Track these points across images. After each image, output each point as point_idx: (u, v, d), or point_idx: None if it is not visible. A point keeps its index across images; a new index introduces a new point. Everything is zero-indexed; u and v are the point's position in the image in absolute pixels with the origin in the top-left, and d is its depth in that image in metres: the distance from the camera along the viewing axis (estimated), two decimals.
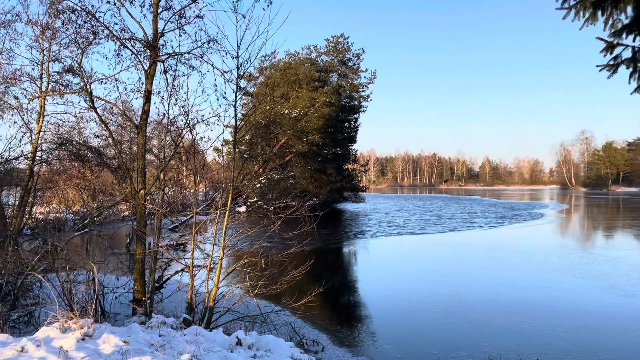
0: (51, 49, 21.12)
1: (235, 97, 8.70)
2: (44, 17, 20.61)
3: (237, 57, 8.45)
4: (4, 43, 20.86)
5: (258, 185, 41.85)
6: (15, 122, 20.82)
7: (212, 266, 8.65)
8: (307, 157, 44.25)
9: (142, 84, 9.59)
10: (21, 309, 9.47)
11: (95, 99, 9.43)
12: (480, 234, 29.20)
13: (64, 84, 21.64)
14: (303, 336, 8.61)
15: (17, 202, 21.20)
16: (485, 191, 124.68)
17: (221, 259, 8.53)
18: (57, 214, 26.50)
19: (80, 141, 22.83)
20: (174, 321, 7.83)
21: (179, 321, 8.01)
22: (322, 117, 44.06)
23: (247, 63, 9.07)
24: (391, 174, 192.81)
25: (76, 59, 8.69)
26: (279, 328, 8.74)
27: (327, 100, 45.45)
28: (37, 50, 21.09)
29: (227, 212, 8.54)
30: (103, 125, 9.00)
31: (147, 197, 9.69)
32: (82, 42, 9.05)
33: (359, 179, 59.61)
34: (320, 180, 44.17)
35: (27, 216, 21.39)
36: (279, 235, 9.08)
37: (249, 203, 37.21)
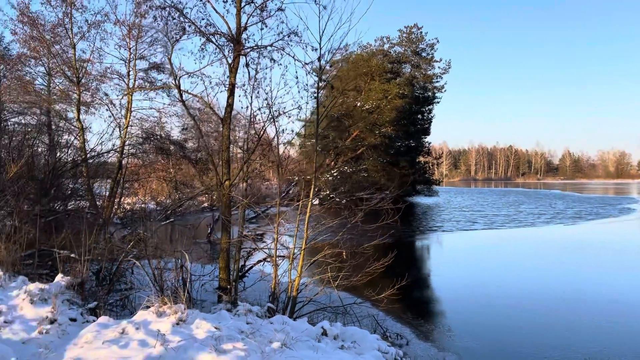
0: (137, 48, 22.31)
1: (317, 88, 8.69)
2: (131, 17, 21.79)
3: (320, 48, 8.45)
4: (94, 43, 22.29)
5: (330, 178, 42.05)
6: (109, 117, 22.22)
7: (293, 257, 8.74)
8: (379, 150, 43.89)
9: (227, 77, 9.83)
10: (115, 293, 10.05)
11: (182, 92, 9.78)
12: (563, 230, 27.68)
13: (150, 80, 22.83)
14: (386, 329, 8.52)
15: (107, 193, 22.66)
16: (566, 185, 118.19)
17: (304, 249, 8.59)
18: (142, 205, 27.99)
19: (163, 135, 23.97)
20: (259, 309, 7.99)
21: (264, 310, 8.16)
22: (394, 109, 43.52)
23: (328, 54, 9.07)
24: (464, 167, 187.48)
25: (166, 54, 9.03)
26: (361, 320, 8.69)
27: (400, 91, 44.80)
28: (125, 49, 22.39)
29: (310, 204, 8.58)
30: (190, 118, 9.28)
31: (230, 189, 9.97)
32: (172, 37, 9.39)
33: (432, 172, 58.41)
34: (392, 173, 43.69)
35: (116, 206, 22.78)
36: (358, 228, 9.03)
37: (321, 196, 37.46)
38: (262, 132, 9.76)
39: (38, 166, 14.53)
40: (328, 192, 41.22)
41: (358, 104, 43.49)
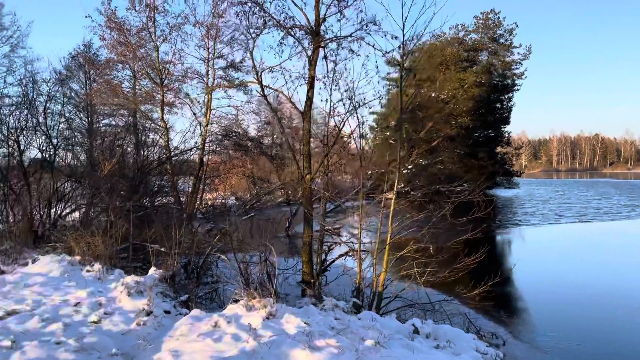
0: (216, 47, 22.92)
1: (401, 77, 8.39)
2: (209, 17, 22.42)
3: (403, 35, 8.11)
4: (176, 44, 23.15)
5: (405, 172, 41.28)
6: (191, 115, 23.03)
7: (379, 251, 8.52)
8: (455, 141, 42.48)
9: (306, 70, 9.75)
10: (203, 286, 10.30)
11: (263, 87, 9.81)
12: None
13: (227, 79, 23.38)
14: (479, 328, 8.10)
15: (190, 189, 23.53)
16: None
17: (389, 243, 8.35)
18: (223, 200, 28.85)
19: (241, 132, 24.50)
20: (345, 305, 7.84)
21: (349, 305, 8.00)
22: (471, 99, 41.93)
23: (410, 43, 8.73)
24: (545, 157, 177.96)
25: (247, 50, 9.08)
26: (451, 318, 8.31)
27: (477, 80, 43.10)
28: (204, 49, 23.07)
29: (394, 196, 8.31)
30: (272, 112, 9.27)
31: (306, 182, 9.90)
32: (253, 32, 9.44)
33: (512, 163, 55.88)
34: (470, 165, 42.17)
35: (198, 202, 23.61)
36: (445, 222, 8.64)
37: (399, 189, 36.86)
38: (342, 125, 9.61)
39: (127, 165, 15.24)
40: (403, 185, 40.55)
41: (433, 94, 42.33)
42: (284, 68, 9.48)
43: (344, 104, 9.53)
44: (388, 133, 42.53)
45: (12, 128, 13.09)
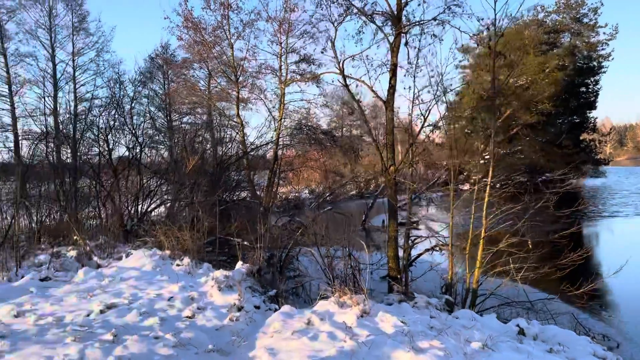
0: (288, 41, 22.95)
1: (494, 60, 7.82)
2: (280, 12, 22.46)
3: (495, 14, 7.54)
4: (249, 41, 23.41)
5: (482, 162, 39.68)
6: (265, 111, 23.26)
7: (471, 245, 8.03)
8: (536, 129, 40.25)
9: (388, 58, 9.37)
10: (286, 280, 10.23)
11: (345, 77, 9.54)
12: None
13: (300, 72, 23.37)
14: (589, 329, 7.42)
15: (265, 184, 23.79)
16: None
17: (483, 237, 7.84)
18: (297, 194, 29.03)
19: (314, 125, 24.44)
20: (437, 302, 7.45)
21: (442, 302, 7.61)
22: (553, 83, 39.49)
23: (502, 21, 8.15)
24: (631, 144, 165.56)
25: (328, 40, 8.85)
26: (555, 318, 7.68)
27: (560, 63, 40.54)
28: (276, 44, 23.18)
29: (488, 188, 7.78)
30: (355, 104, 8.98)
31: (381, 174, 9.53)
32: (335, 21, 9.17)
33: (599, 150, 52.27)
34: (552, 153, 39.78)
35: (274, 196, 23.84)
36: (542, 214, 8.00)
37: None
38: (427, 113, 9.15)
39: (207, 161, 15.55)
40: (481, 177, 38.95)
41: (511, 80, 40.27)
42: (366, 56, 9.14)
43: (429, 91, 9.07)
44: (463, 122, 41.04)
45: (102, 128, 13.70)
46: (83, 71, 31.33)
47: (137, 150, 14.10)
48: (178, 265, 8.12)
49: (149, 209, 13.71)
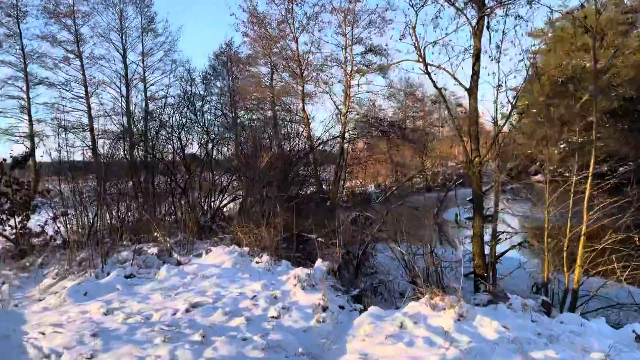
0: (353, 33, 22.58)
1: (594, 39, 7.09)
2: (345, 3, 22.12)
3: None
4: (313, 34, 23.24)
5: (556, 152, 37.59)
6: (330, 104, 23.04)
7: (569, 242, 7.36)
8: (616, 115, 37.59)
9: (470, 44, 8.80)
10: (364, 277, 9.90)
11: (427, 64, 9.04)
12: None
13: (366, 64, 22.93)
14: None
15: (332, 178, 23.59)
16: None
17: (584, 233, 7.16)
18: (362, 188, 28.63)
19: (381, 117, 23.94)
20: (533, 304, 6.87)
21: (538, 304, 7.01)
22: (635, 66, 36.70)
23: None
24: None
25: (409, 25, 8.40)
26: None
27: None
28: (341, 36, 22.86)
29: (590, 179, 7.09)
30: (438, 92, 8.49)
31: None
32: (415, 5, 8.69)
33: None
34: (637, 140, 37.02)
35: (341, 190, 23.60)
36: None
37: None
38: (515, 100, 8.50)
39: (276, 156, 15.48)
40: (556, 167, 36.87)
41: (587, 65, 37.87)
42: (449, 42, 8.62)
43: (515, 76, 8.43)
44: (535, 110, 38.98)
45: (175, 125, 13.90)
46: (152, 71, 32.35)
47: (210, 147, 14.23)
48: (257, 262, 8.00)
49: (221, 205, 13.81)
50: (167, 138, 14.13)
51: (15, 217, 9.53)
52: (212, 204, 13.52)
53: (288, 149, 17.56)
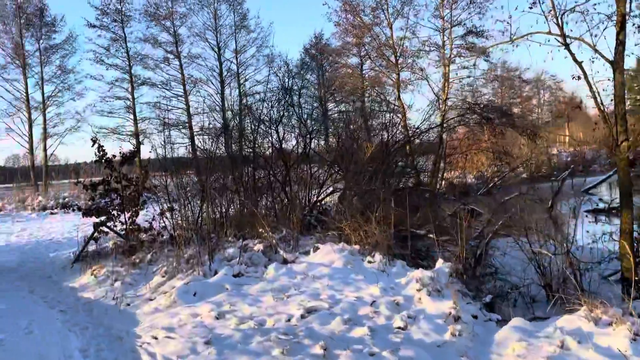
0: (452, 15, 21.20)
1: None
2: None
3: None
4: (409, 18, 22.14)
5: None
6: (428, 92, 21.85)
7: None
8: None
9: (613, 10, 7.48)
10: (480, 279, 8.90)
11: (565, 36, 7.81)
12: None
13: (467, 47, 21.47)
14: None
15: (430, 169, 22.41)
16: None
17: None
18: (461, 179, 27.09)
19: (484, 102, 22.34)
20: None
21: None
22: None
23: None
24: None
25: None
26: None
27: None
28: (439, 18, 21.57)
29: None
30: (580, 71, 7.31)
31: None
32: None
33: None
34: None
35: (440, 181, 22.38)
36: None
37: None
38: None
39: (377, 148, 14.76)
40: None
41: None
42: (587, 10, 7.37)
43: None
44: None
45: (273, 119, 13.63)
46: (245, 67, 32.79)
47: (307, 140, 13.81)
48: (369, 262, 7.33)
49: (319, 199, 13.36)
50: (265, 132, 13.92)
51: (125, 212, 9.62)
52: (310, 198, 13.10)
53: (386, 139, 16.78)
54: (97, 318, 6.21)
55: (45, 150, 29.26)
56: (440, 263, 6.91)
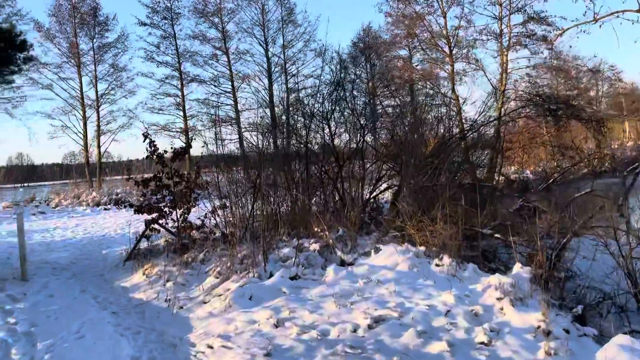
0: (511, 1, 20.05)
1: None
2: None
3: None
4: (464, 6, 21.11)
5: None
6: (486, 83, 20.66)
7: None
8: None
9: None
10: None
11: None
12: None
13: (527, 34, 20.27)
14: None
15: (487, 164, 21.34)
16: None
17: None
18: (518, 175, 25.82)
19: (546, 93, 21.10)
20: None
21: None
22: None
23: None
24: None
25: None
26: None
27: None
28: (496, 5, 20.45)
29: None
30: None
31: None
32: None
33: None
34: None
35: (498, 177, 21.29)
36: None
37: None
38: None
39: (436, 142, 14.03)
40: None
41: None
42: None
43: None
44: None
45: (324, 114, 13.14)
46: (293, 62, 32.49)
47: (361, 134, 13.25)
48: (437, 265, 6.72)
49: (373, 196, 12.79)
50: (316, 126, 13.46)
51: (177, 209, 9.36)
52: (364, 195, 12.54)
53: (443, 133, 16.00)
54: (149, 321, 5.88)
55: (99, 147, 29.97)
56: (518, 267, 6.22)
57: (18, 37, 11.51)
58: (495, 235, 8.92)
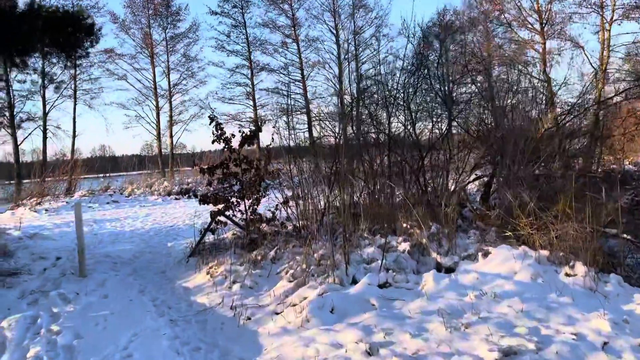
0: None
1: None
2: None
3: None
4: None
5: None
6: (587, 60, 18.35)
7: None
8: None
9: None
10: None
11: None
12: None
13: (636, 4, 17.75)
14: None
15: (584, 152, 19.06)
16: None
17: None
18: (613, 165, 23.11)
19: None
20: None
21: None
22: None
23: None
24: None
25: None
26: None
27: None
28: None
29: None
30: None
31: None
32: None
33: None
34: None
35: (597, 167, 19.01)
36: None
37: None
38: None
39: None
40: None
41: None
42: None
43: None
44: None
45: (404, 98, 11.81)
46: (364, 48, 31.12)
47: (446, 123, 11.81)
48: (568, 275, 5.27)
49: (460, 187, 11.32)
50: (395, 112, 12.16)
51: (245, 200, 8.39)
52: (449, 186, 11.11)
53: (535, 117, 14.19)
54: (211, 334, 4.89)
55: (171, 136, 30.12)
56: None
57: (85, 21, 11.08)
58: (624, 236, 7.26)
